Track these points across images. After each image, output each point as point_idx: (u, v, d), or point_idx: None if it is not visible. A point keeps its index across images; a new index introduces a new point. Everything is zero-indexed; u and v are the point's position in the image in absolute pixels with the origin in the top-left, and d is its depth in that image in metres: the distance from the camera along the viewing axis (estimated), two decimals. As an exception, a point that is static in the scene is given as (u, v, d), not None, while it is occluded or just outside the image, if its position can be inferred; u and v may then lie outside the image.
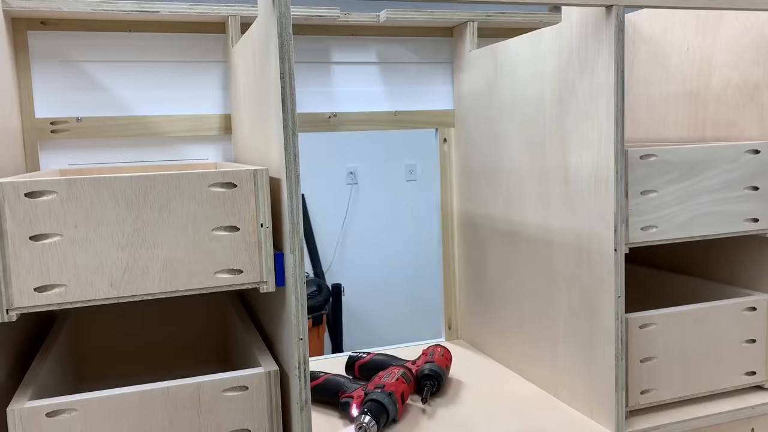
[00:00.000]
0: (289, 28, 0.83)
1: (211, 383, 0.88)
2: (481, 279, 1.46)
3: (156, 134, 1.32)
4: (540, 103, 1.20)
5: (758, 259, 1.22)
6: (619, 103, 1.02)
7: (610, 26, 1.01)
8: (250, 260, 0.88)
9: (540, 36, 1.19)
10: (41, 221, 0.80)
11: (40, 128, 1.24)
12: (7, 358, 0.99)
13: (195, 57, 1.34)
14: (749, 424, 1.17)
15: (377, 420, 1.08)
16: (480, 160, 1.42)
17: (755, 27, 1.19)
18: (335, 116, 1.44)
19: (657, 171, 1.08)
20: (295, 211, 0.85)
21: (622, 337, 1.06)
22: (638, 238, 1.08)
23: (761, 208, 1.16)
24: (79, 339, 1.26)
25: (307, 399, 0.88)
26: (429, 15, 1.41)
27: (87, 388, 0.91)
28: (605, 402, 1.09)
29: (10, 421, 0.80)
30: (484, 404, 1.22)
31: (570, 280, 1.16)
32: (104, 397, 0.84)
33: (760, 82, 1.19)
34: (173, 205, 0.84)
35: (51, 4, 1.17)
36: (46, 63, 1.25)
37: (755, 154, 1.15)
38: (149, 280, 0.84)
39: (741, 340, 1.18)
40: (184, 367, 1.27)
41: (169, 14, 1.25)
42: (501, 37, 1.39)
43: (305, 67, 1.42)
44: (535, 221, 1.24)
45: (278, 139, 0.86)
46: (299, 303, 0.86)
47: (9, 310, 0.80)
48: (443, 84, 1.53)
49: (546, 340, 1.24)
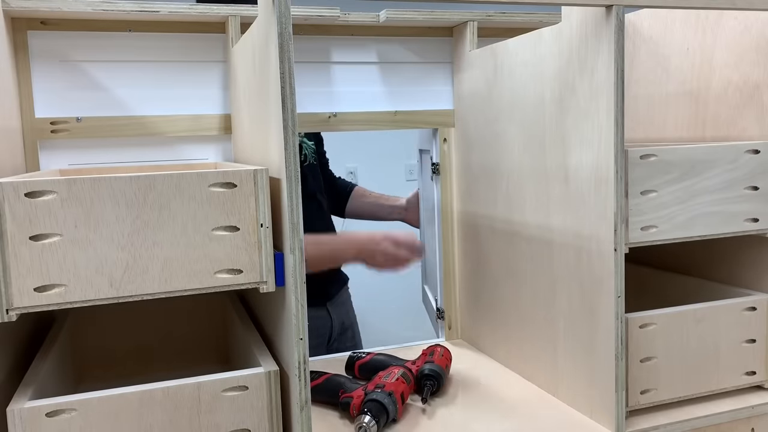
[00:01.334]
0: (289, 28, 0.83)
1: (211, 383, 0.88)
2: (481, 279, 1.46)
3: (156, 134, 1.32)
4: (540, 103, 1.20)
5: (758, 259, 1.22)
6: (619, 103, 1.02)
7: (610, 26, 1.01)
8: (250, 260, 0.88)
9: (540, 36, 1.19)
10: (41, 221, 0.80)
11: (40, 128, 1.24)
12: (7, 358, 0.99)
13: (195, 57, 1.34)
14: (749, 424, 1.17)
15: (377, 420, 1.08)
16: (480, 160, 1.42)
17: (755, 27, 1.19)
18: (335, 116, 1.44)
19: (657, 171, 1.08)
20: (295, 211, 0.85)
21: (622, 337, 1.06)
22: (638, 238, 1.08)
23: (761, 208, 1.16)
24: (79, 339, 1.26)
25: (307, 399, 0.88)
26: (429, 15, 1.41)
27: (87, 388, 0.91)
28: (605, 402, 1.09)
29: (10, 421, 0.80)
30: (484, 404, 1.21)
31: (570, 280, 1.16)
32: (104, 397, 0.84)
33: (760, 82, 1.19)
34: (173, 205, 0.84)
35: (51, 4, 1.17)
36: (46, 63, 1.25)
37: (755, 154, 1.15)
38: (149, 280, 0.84)
39: (741, 340, 1.18)
40: (184, 367, 1.27)
41: (169, 14, 1.25)
42: (501, 37, 1.38)
43: (305, 67, 1.41)
44: (535, 221, 1.24)
45: (278, 139, 0.86)
46: (299, 303, 0.86)
47: (9, 310, 0.80)
48: (443, 84, 1.53)
49: (546, 340, 1.24)
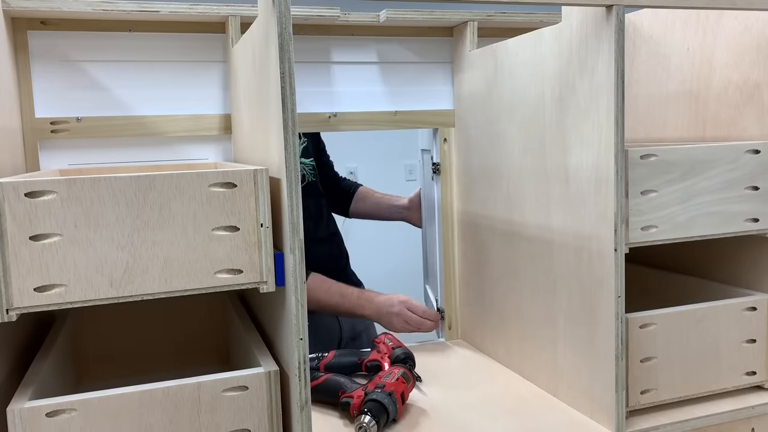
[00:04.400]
0: (289, 28, 0.83)
1: (211, 383, 0.88)
2: (481, 279, 1.46)
3: (156, 134, 1.32)
4: (540, 103, 1.20)
5: (758, 259, 1.22)
6: (619, 102, 1.02)
7: (610, 26, 1.01)
8: (250, 260, 0.88)
9: (540, 36, 1.19)
10: (41, 221, 0.80)
11: (40, 128, 1.24)
12: (7, 358, 0.99)
13: (195, 57, 1.34)
14: (749, 424, 1.17)
15: (377, 420, 1.08)
16: (480, 160, 1.42)
17: (755, 27, 1.19)
18: (335, 116, 1.44)
19: (657, 171, 1.08)
20: (295, 211, 0.85)
21: (622, 337, 1.06)
22: (638, 238, 1.08)
23: (761, 208, 1.16)
24: (79, 339, 1.26)
25: (307, 399, 0.88)
26: (429, 15, 1.41)
27: (87, 388, 0.91)
28: (605, 402, 1.09)
29: (10, 421, 0.80)
30: (484, 404, 1.21)
31: (570, 280, 1.15)
32: (104, 397, 0.84)
33: (760, 82, 1.19)
34: (173, 205, 0.84)
35: (51, 4, 1.16)
36: (46, 63, 1.25)
37: (755, 154, 1.15)
38: (149, 280, 0.84)
39: (741, 340, 1.18)
40: (184, 367, 1.27)
41: (169, 14, 1.25)
42: (501, 37, 1.38)
43: (305, 67, 1.41)
44: (535, 221, 1.24)
45: (278, 139, 0.86)
46: (299, 303, 0.86)
47: (9, 310, 0.80)
48: (443, 84, 1.52)
49: (546, 340, 1.24)
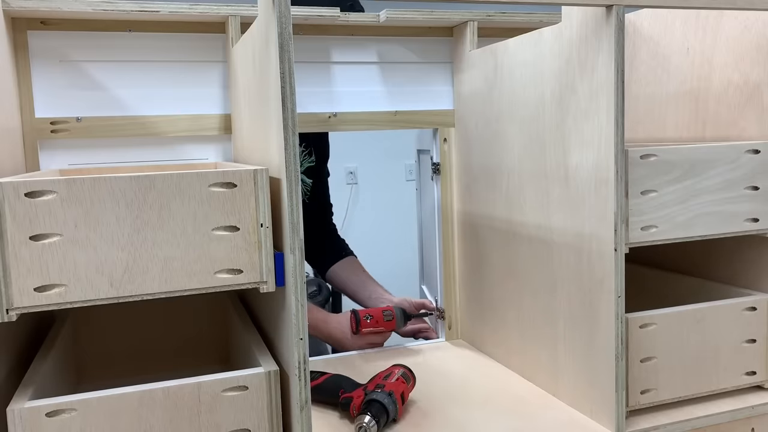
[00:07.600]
0: (289, 28, 0.83)
1: (211, 383, 0.88)
2: (481, 279, 1.46)
3: (156, 134, 1.32)
4: (540, 103, 1.20)
5: (758, 259, 1.22)
6: (619, 102, 1.02)
7: (610, 26, 1.01)
8: (250, 260, 0.88)
9: (540, 36, 1.19)
10: (41, 221, 0.80)
11: (40, 128, 1.24)
12: (7, 358, 0.99)
13: (195, 57, 1.34)
14: (749, 424, 1.17)
15: (377, 420, 1.08)
16: (480, 160, 1.42)
17: (755, 27, 1.19)
18: (335, 116, 1.44)
19: (657, 171, 1.08)
20: (295, 211, 0.85)
21: (622, 337, 1.06)
22: (638, 238, 1.08)
23: (761, 208, 1.16)
24: (79, 339, 1.26)
25: (307, 399, 0.88)
26: (429, 15, 1.41)
27: (87, 388, 0.91)
28: (605, 402, 1.09)
29: (10, 421, 0.80)
30: (484, 404, 1.21)
31: (570, 280, 1.15)
32: (104, 397, 0.84)
33: (760, 82, 1.19)
34: (173, 205, 0.84)
35: (51, 4, 1.16)
36: (46, 63, 1.25)
37: (755, 154, 1.15)
38: (149, 280, 0.84)
39: (741, 340, 1.18)
40: (184, 367, 1.27)
41: (169, 14, 1.25)
42: (501, 37, 1.38)
43: (305, 67, 1.41)
44: (535, 221, 1.24)
45: (278, 139, 0.86)
46: (299, 303, 0.86)
47: (9, 310, 0.79)
48: (443, 84, 1.52)
49: (546, 340, 1.24)
